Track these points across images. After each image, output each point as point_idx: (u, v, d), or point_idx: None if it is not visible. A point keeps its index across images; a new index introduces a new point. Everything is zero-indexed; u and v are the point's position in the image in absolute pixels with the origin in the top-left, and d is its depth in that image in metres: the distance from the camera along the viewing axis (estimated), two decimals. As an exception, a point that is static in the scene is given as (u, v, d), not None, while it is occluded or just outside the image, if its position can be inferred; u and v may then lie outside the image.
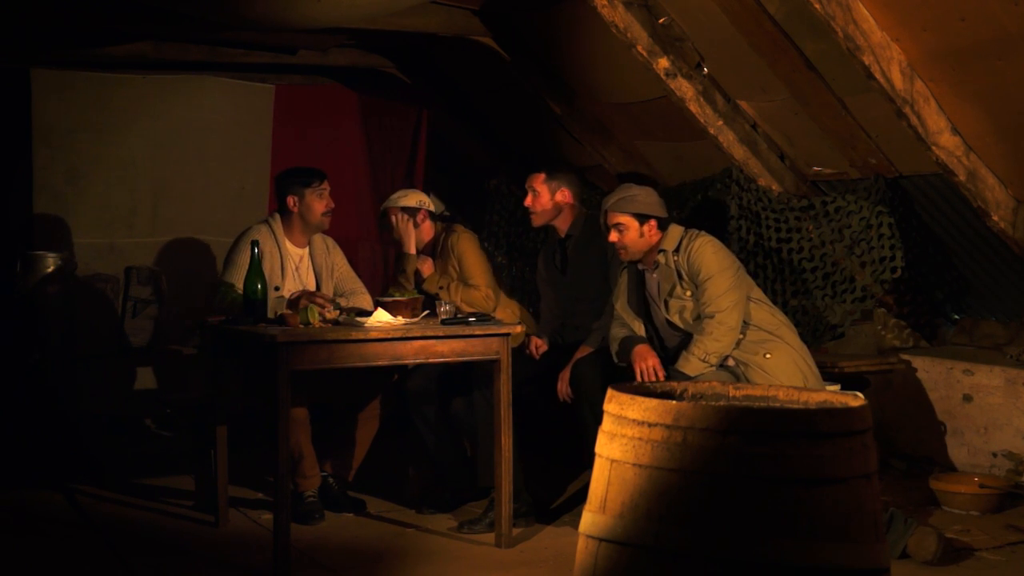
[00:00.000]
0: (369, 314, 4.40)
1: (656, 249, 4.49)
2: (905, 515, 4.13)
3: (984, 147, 4.38)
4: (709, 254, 4.38)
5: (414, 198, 5.31)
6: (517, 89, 6.33)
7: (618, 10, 4.93)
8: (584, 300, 5.08)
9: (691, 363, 4.31)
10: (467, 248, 5.21)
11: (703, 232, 4.50)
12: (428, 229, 5.31)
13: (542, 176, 5.06)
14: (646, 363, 4.37)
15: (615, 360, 4.56)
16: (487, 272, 5.23)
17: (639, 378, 4.30)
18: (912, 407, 5.48)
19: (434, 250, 5.29)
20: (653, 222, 4.46)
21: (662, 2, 4.93)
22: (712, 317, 4.32)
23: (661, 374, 4.32)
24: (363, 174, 7.24)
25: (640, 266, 4.58)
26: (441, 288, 5.09)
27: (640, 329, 4.58)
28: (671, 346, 4.53)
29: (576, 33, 5.56)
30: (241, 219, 5.31)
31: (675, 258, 4.43)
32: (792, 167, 5.41)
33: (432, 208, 5.35)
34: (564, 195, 5.07)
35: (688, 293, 4.41)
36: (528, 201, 5.06)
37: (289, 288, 4.90)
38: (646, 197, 4.48)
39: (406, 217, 5.26)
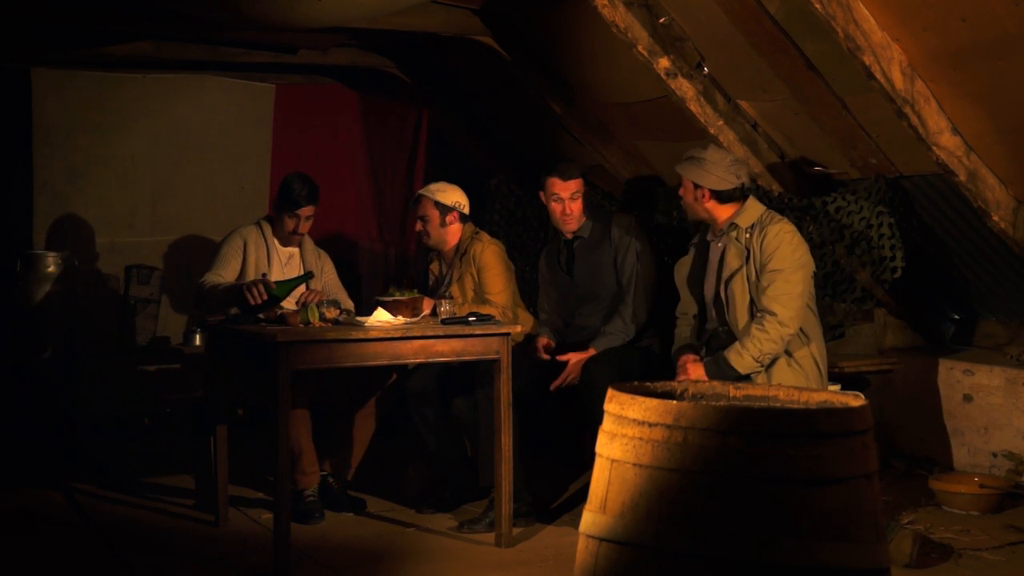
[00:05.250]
0: (368, 314, 4.40)
1: (722, 219, 4.39)
2: (888, 518, 4.11)
3: (984, 147, 4.38)
4: (787, 244, 4.24)
5: (452, 196, 5.10)
6: (517, 89, 6.33)
7: (619, 10, 4.93)
8: (590, 301, 5.07)
9: (744, 360, 4.18)
10: (490, 261, 5.03)
11: (786, 219, 4.39)
12: (455, 232, 5.13)
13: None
14: (687, 375, 4.27)
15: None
16: (507, 289, 5.05)
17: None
18: (912, 407, 5.47)
19: (455, 254, 5.15)
20: (705, 191, 4.38)
21: (663, 2, 4.93)
22: (774, 315, 4.18)
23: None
24: (363, 174, 7.24)
25: (709, 236, 4.50)
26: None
27: (693, 310, 4.53)
28: (710, 328, 4.47)
29: (576, 33, 5.55)
30: (241, 219, 5.33)
31: (747, 236, 4.31)
32: (792, 167, 5.40)
33: (466, 211, 5.14)
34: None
35: (751, 276, 4.27)
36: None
37: (276, 279, 4.90)
38: (711, 167, 4.36)
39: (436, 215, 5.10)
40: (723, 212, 4.41)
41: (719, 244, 4.44)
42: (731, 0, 4.55)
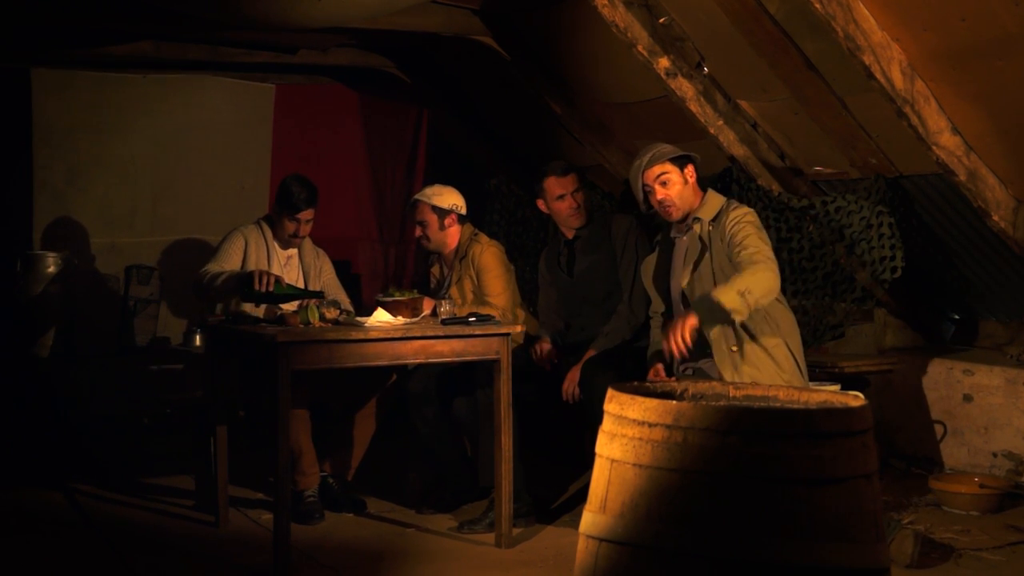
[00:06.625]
0: (368, 315, 4.40)
1: (694, 207, 4.30)
2: (888, 517, 4.11)
3: (984, 147, 4.38)
4: (751, 224, 4.15)
5: (448, 199, 5.09)
6: (517, 89, 6.33)
7: (619, 10, 4.93)
8: (591, 302, 5.06)
9: (727, 293, 3.88)
10: (489, 262, 5.02)
11: (746, 206, 4.31)
12: (454, 234, 5.12)
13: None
14: (675, 335, 3.92)
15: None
16: (507, 290, 5.04)
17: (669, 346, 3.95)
18: (912, 407, 5.47)
19: (455, 255, 5.14)
20: (691, 167, 4.31)
21: (663, 2, 4.93)
22: (755, 261, 3.98)
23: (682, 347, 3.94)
24: (363, 174, 7.24)
25: (673, 233, 4.43)
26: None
27: (660, 306, 4.52)
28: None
29: (576, 33, 5.55)
30: (241, 219, 5.33)
31: (710, 228, 4.24)
32: (792, 167, 5.41)
33: (464, 212, 5.13)
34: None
35: (717, 264, 4.17)
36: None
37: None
38: (671, 147, 4.34)
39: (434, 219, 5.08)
40: (697, 197, 4.34)
41: (684, 239, 4.37)
42: (731, 0, 4.55)
